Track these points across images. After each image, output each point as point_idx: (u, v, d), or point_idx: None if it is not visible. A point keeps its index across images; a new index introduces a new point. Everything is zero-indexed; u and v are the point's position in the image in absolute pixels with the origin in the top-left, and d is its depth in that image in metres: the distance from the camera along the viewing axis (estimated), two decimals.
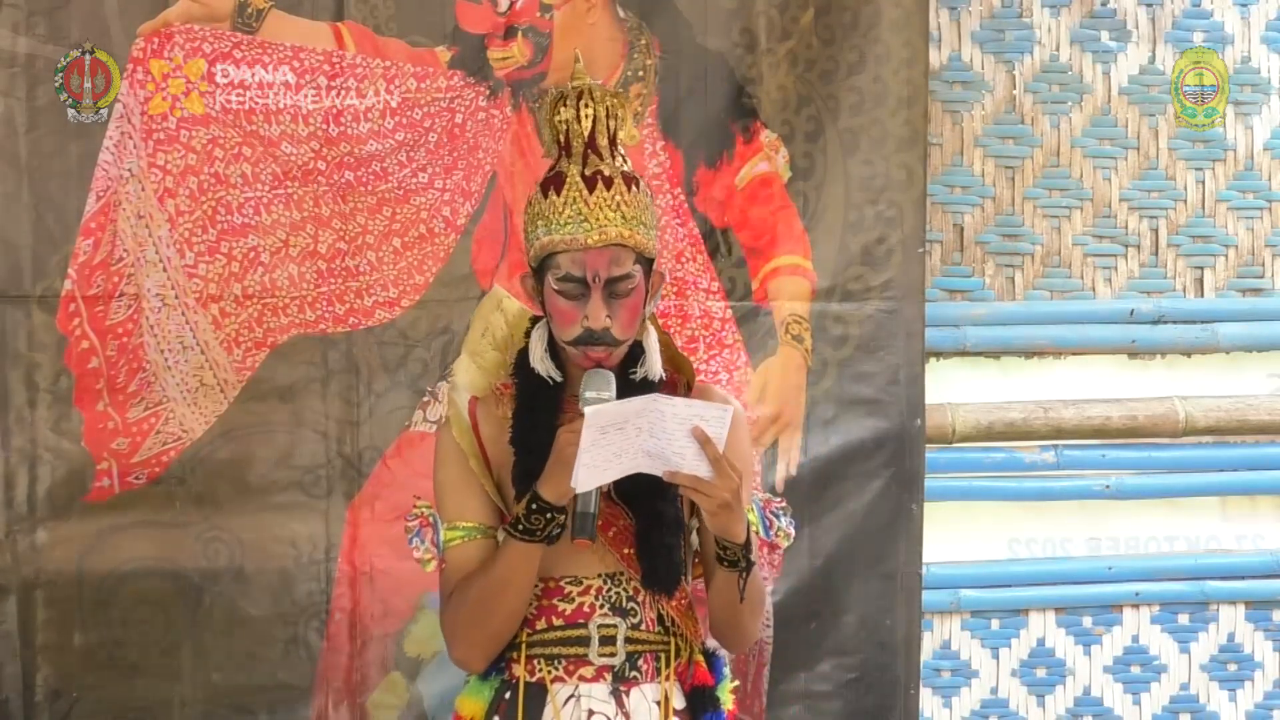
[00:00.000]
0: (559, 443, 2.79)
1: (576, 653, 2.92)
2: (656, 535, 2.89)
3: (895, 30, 4.39)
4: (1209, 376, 4.77)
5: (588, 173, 2.87)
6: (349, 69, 4.16)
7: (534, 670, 2.94)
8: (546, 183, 2.90)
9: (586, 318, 2.85)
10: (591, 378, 2.84)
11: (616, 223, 2.85)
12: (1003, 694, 4.73)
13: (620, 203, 2.86)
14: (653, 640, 2.95)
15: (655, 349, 2.95)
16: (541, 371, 2.93)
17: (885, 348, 4.43)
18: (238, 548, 4.16)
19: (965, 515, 4.66)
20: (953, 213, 4.67)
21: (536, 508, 2.80)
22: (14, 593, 4.08)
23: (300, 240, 4.16)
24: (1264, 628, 4.82)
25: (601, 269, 2.85)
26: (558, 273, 2.87)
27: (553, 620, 2.92)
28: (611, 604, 2.92)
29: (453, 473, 2.96)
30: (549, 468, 2.80)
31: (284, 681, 4.19)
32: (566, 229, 2.85)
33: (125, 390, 4.10)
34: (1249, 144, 4.79)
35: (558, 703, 2.91)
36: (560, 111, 2.89)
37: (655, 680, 2.94)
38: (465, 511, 2.95)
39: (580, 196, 2.86)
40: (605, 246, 2.85)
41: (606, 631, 2.92)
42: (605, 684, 2.92)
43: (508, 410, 2.96)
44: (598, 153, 2.88)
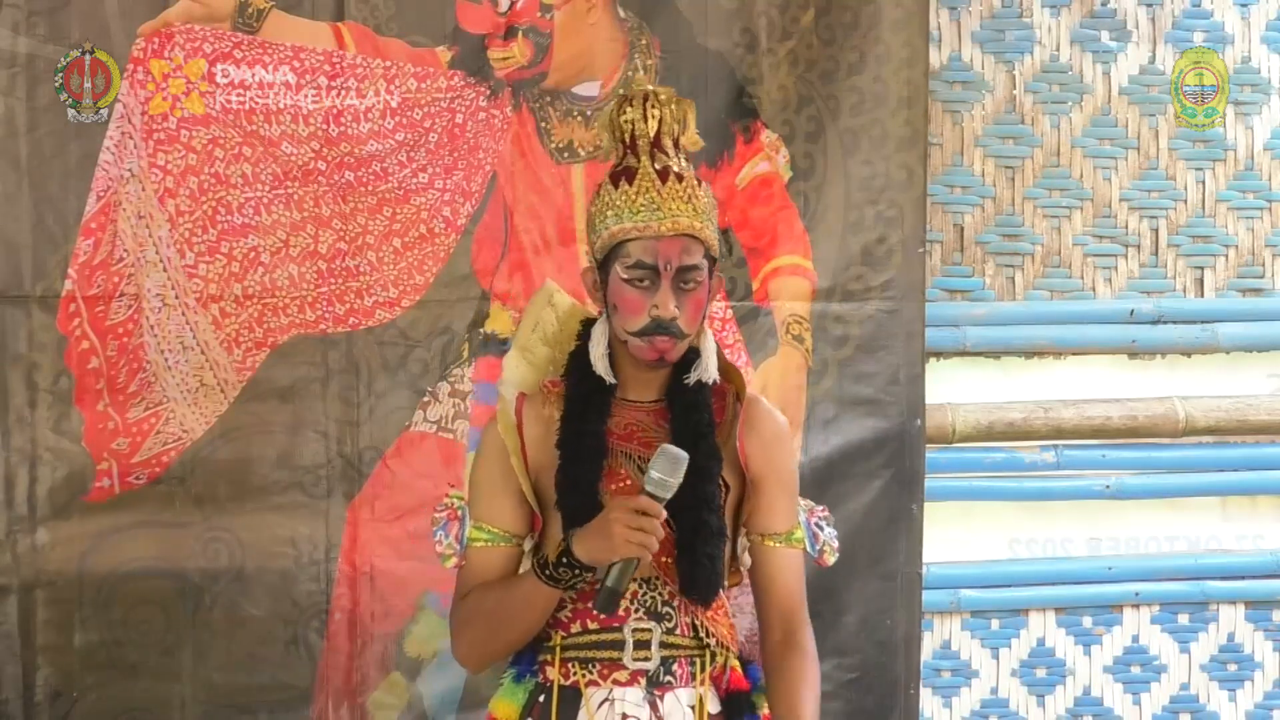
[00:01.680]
0: (608, 514, 2.77)
1: (611, 656, 2.91)
2: (700, 545, 2.87)
3: (895, 30, 4.40)
4: (1209, 376, 4.77)
5: (658, 166, 2.88)
6: (349, 69, 4.15)
7: (568, 673, 2.93)
8: (616, 175, 2.90)
9: (655, 306, 2.84)
10: (666, 460, 2.78)
11: (688, 214, 2.86)
12: (1003, 694, 4.73)
13: (692, 196, 2.87)
14: (688, 645, 2.94)
15: (712, 352, 2.94)
16: (600, 371, 2.92)
17: (885, 348, 4.43)
18: (238, 548, 4.16)
19: (965, 515, 4.66)
20: (953, 213, 4.67)
21: (567, 562, 2.80)
22: (14, 593, 4.08)
23: (300, 240, 4.16)
24: (1264, 628, 4.82)
25: (674, 257, 2.84)
26: (627, 261, 2.85)
27: (588, 624, 2.92)
28: (647, 608, 2.91)
29: (493, 472, 2.95)
30: (591, 530, 2.79)
31: (284, 681, 4.19)
32: (639, 216, 2.85)
33: (125, 390, 4.10)
34: (1249, 144, 4.79)
35: (591, 706, 2.90)
36: (626, 111, 2.90)
37: (690, 685, 2.94)
38: (496, 515, 2.94)
39: (653, 186, 2.86)
40: (677, 236, 2.85)
41: (641, 636, 2.91)
42: (640, 688, 2.91)
43: (553, 410, 2.94)
44: (663, 151, 2.89)
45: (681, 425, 2.89)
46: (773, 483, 2.97)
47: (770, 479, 2.97)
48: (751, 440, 2.96)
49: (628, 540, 2.74)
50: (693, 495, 2.85)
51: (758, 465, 2.96)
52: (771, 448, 2.98)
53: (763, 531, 2.98)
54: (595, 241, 2.92)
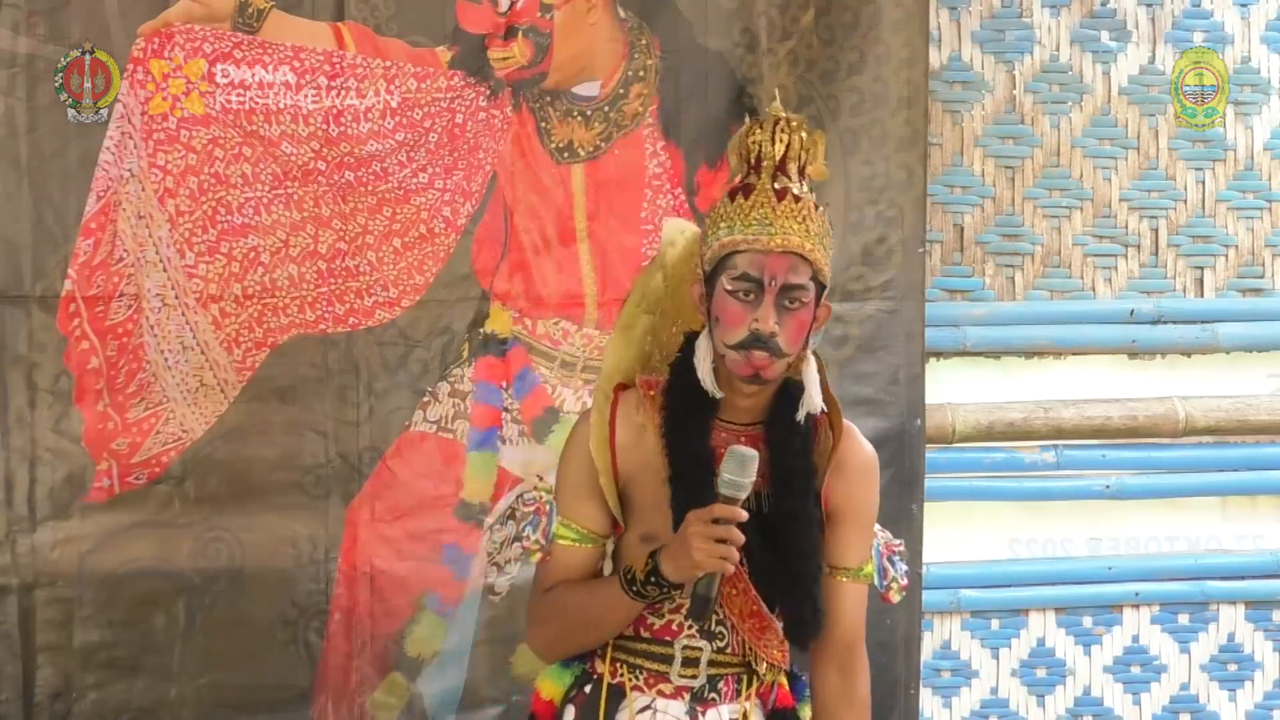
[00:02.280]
0: (687, 529, 2.77)
1: (659, 669, 2.94)
2: (813, 593, 2.89)
3: (895, 30, 4.39)
4: (1209, 376, 4.77)
5: (777, 186, 2.88)
6: (349, 69, 4.15)
7: (616, 672, 2.95)
8: (734, 191, 2.90)
9: (756, 320, 2.83)
10: (736, 459, 2.78)
11: (800, 234, 2.85)
12: (1003, 694, 4.73)
13: (806, 217, 2.87)
14: (735, 664, 2.96)
15: (816, 381, 2.93)
16: (708, 386, 2.90)
17: (885, 348, 4.43)
18: (238, 548, 4.16)
19: (965, 515, 4.66)
20: (953, 213, 4.67)
21: (655, 580, 2.81)
22: (14, 593, 4.08)
23: (300, 240, 4.16)
24: (1264, 628, 4.82)
25: (780, 273, 2.84)
26: (734, 272, 2.85)
27: (640, 631, 2.94)
28: (700, 627, 2.93)
29: (581, 473, 2.95)
30: (674, 547, 2.79)
31: (284, 681, 4.19)
32: (750, 230, 2.85)
33: (125, 390, 4.10)
34: (1249, 144, 4.80)
35: (633, 710, 2.93)
36: (755, 134, 2.91)
37: (734, 701, 2.95)
38: (582, 515, 2.94)
39: (768, 202, 2.86)
40: (786, 253, 2.84)
41: (690, 654, 2.93)
42: (683, 702, 2.93)
43: (647, 420, 2.93)
44: (786, 175, 2.89)
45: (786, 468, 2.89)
46: (851, 518, 2.99)
47: (849, 514, 2.98)
48: (837, 477, 2.96)
49: (709, 555, 2.75)
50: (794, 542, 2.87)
51: (838, 500, 2.97)
52: (854, 484, 2.99)
53: (834, 564, 2.98)
54: (705, 253, 2.91)
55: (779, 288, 2.84)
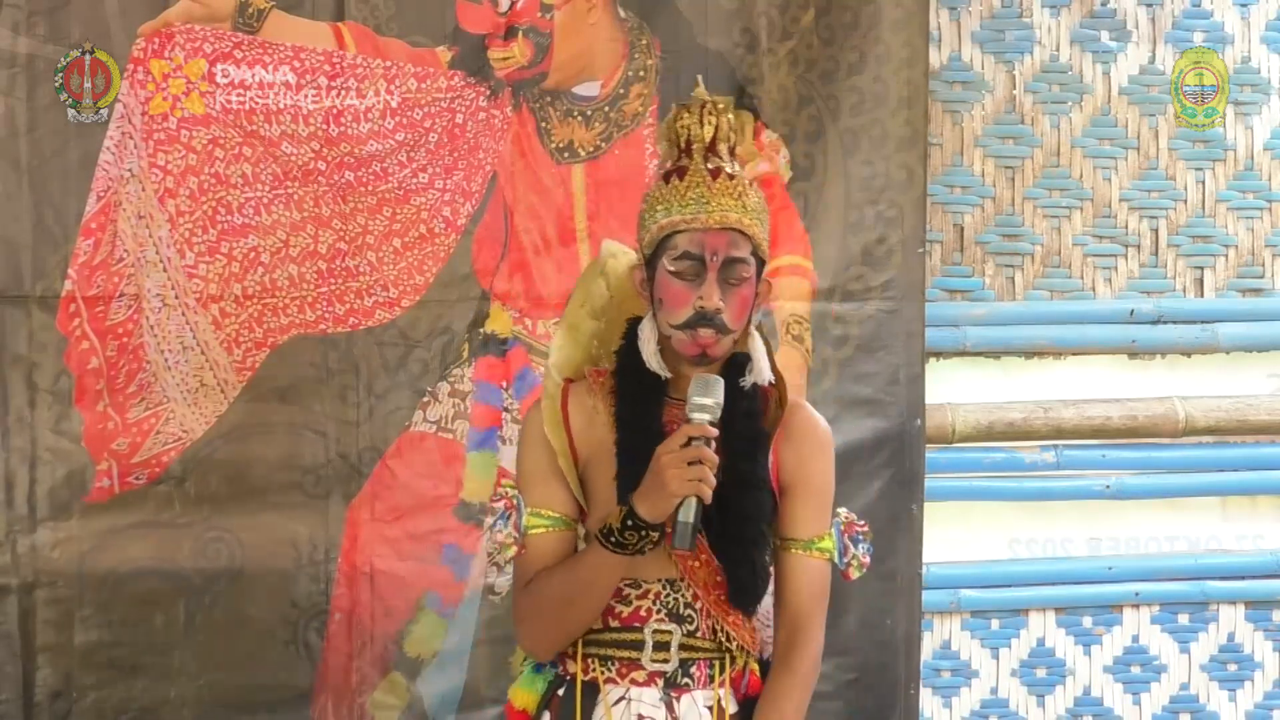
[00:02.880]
0: (658, 462, 2.78)
1: (630, 656, 2.93)
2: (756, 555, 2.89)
3: (895, 30, 4.40)
4: (1209, 376, 4.77)
5: (710, 166, 2.91)
6: (349, 69, 4.15)
7: (588, 669, 2.95)
8: (668, 173, 2.93)
9: (700, 298, 2.85)
10: (699, 383, 2.82)
11: (737, 209, 2.89)
12: (1003, 694, 4.73)
13: (742, 194, 2.90)
14: (707, 648, 2.95)
15: (763, 354, 2.95)
16: (654, 367, 2.92)
17: (885, 348, 4.43)
18: (238, 548, 4.16)
19: (965, 515, 4.66)
20: (953, 213, 4.67)
21: (632, 524, 2.80)
22: (14, 593, 4.08)
23: (300, 240, 4.16)
24: (1264, 628, 4.82)
25: (720, 249, 2.87)
26: (675, 252, 2.88)
27: (609, 621, 2.93)
28: (669, 610, 2.93)
29: (541, 460, 2.96)
30: (647, 485, 2.79)
31: (284, 681, 4.19)
32: (688, 209, 2.88)
33: (125, 391, 4.10)
34: (1249, 144, 4.79)
35: (608, 703, 2.92)
36: (683, 118, 2.93)
37: (708, 687, 2.95)
38: (551, 501, 2.95)
39: (704, 181, 2.89)
40: (724, 229, 2.87)
41: (661, 638, 2.93)
42: (656, 689, 2.93)
43: (598, 402, 2.96)
44: (718, 155, 2.92)
45: (735, 430, 2.88)
46: (802, 490, 2.98)
47: (800, 486, 2.98)
48: (788, 448, 2.97)
49: (682, 479, 2.75)
50: (745, 504, 2.87)
51: (789, 472, 2.97)
52: (806, 456, 2.99)
53: (786, 536, 2.98)
54: (644, 237, 2.94)
55: (720, 263, 2.87)
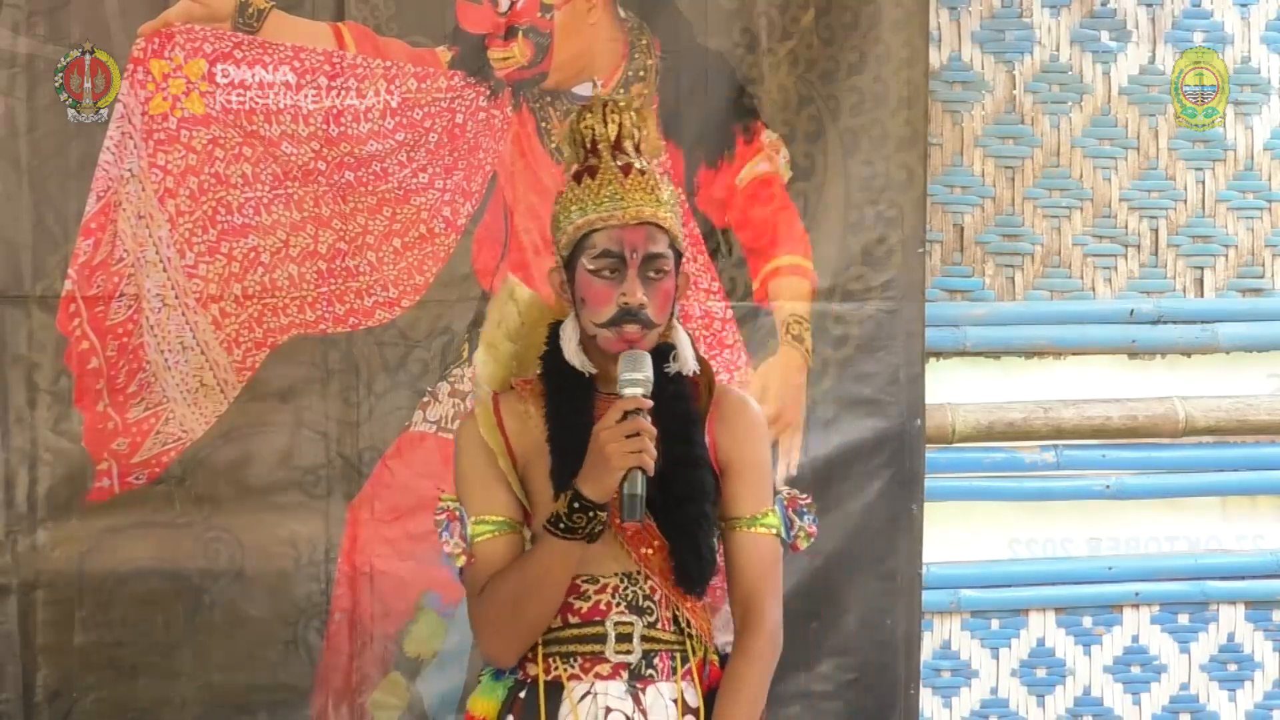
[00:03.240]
0: (598, 440, 2.79)
1: (593, 650, 2.93)
2: (700, 535, 2.90)
3: (895, 30, 4.40)
4: (1209, 376, 4.77)
5: (620, 163, 2.92)
6: (349, 69, 4.15)
7: (550, 668, 2.94)
8: (579, 173, 2.94)
9: (623, 295, 2.86)
10: (628, 359, 2.84)
11: (652, 204, 2.90)
12: (1003, 694, 4.73)
13: (655, 187, 2.92)
14: (668, 639, 2.95)
15: (687, 343, 2.97)
16: (577, 364, 2.94)
17: (885, 348, 4.43)
18: (238, 548, 4.16)
19: (965, 515, 4.66)
20: (953, 213, 4.67)
21: (579, 506, 2.80)
22: (14, 593, 4.08)
23: (300, 240, 4.16)
24: (1264, 628, 4.82)
25: (639, 245, 2.88)
26: (594, 251, 2.89)
27: (569, 618, 2.93)
28: (628, 602, 2.93)
29: (479, 466, 2.96)
30: (589, 466, 2.80)
31: (284, 681, 4.19)
32: (604, 207, 2.89)
33: (125, 390, 4.10)
34: (1249, 144, 4.79)
35: (574, 699, 2.92)
36: (586, 118, 2.95)
37: (671, 679, 2.95)
38: (493, 506, 2.95)
39: (616, 179, 2.91)
40: (641, 224, 2.89)
41: (623, 629, 2.92)
42: (622, 681, 2.92)
43: (530, 406, 2.97)
44: (624, 152, 2.94)
45: (667, 416, 2.89)
46: (741, 469, 2.99)
47: (738, 466, 2.99)
48: (722, 430, 2.98)
49: (624, 453, 2.76)
50: (685, 485, 2.88)
51: (726, 453, 2.98)
52: (740, 436, 3.00)
53: (729, 516, 2.99)
54: (560, 239, 2.95)
55: (641, 259, 2.88)
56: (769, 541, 3.00)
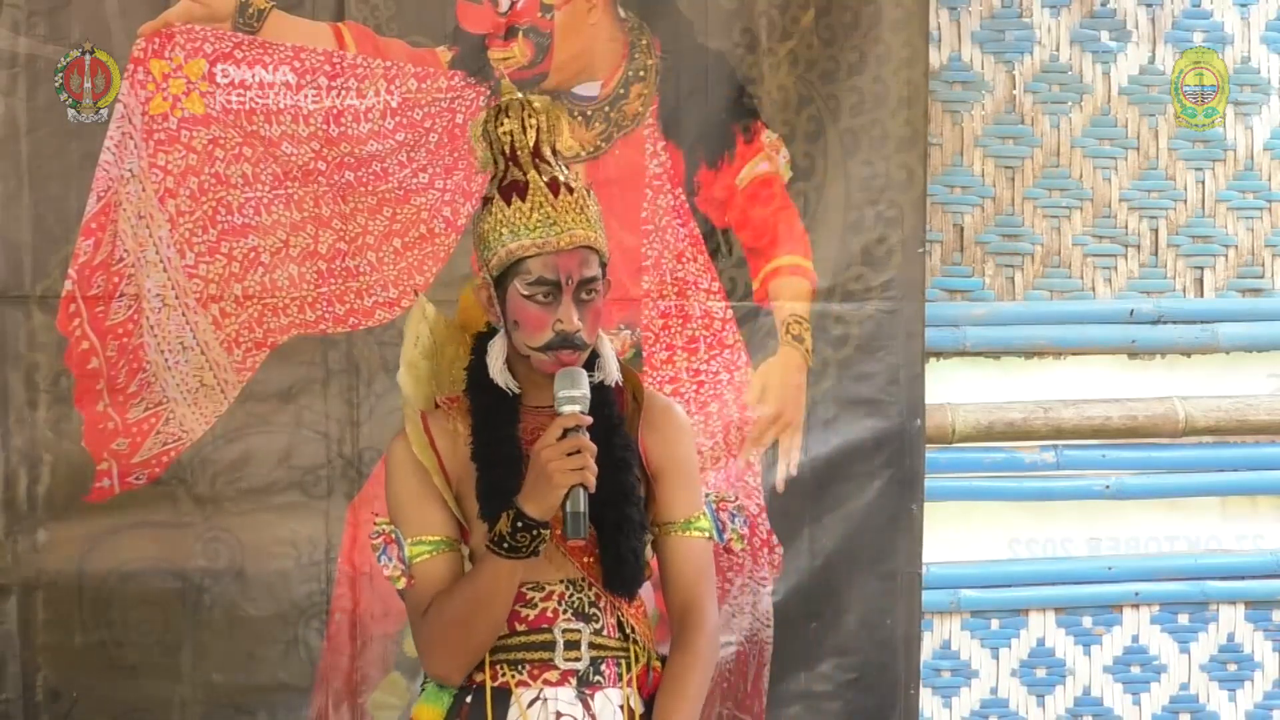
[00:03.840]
0: (539, 459, 2.78)
1: (541, 657, 2.92)
2: (623, 539, 2.90)
3: (895, 30, 4.40)
4: (1209, 376, 4.77)
5: (546, 179, 2.89)
6: (350, 69, 4.16)
7: (497, 675, 2.93)
8: (506, 190, 2.90)
9: (560, 321, 2.85)
10: (564, 377, 2.84)
11: (584, 225, 2.88)
12: (1003, 694, 4.73)
13: (583, 207, 2.89)
14: (614, 646, 2.96)
15: (611, 353, 2.97)
16: (501, 383, 2.93)
17: (885, 348, 4.43)
18: (238, 548, 4.16)
19: (965, 515, 4.66)
20: (953, 213, 4.67)
21: (523, 525, 2.79)
22: (14, 593, 4.08)
23: (300, 240, 4.16)
24: (1264, 628, 4.82)
25: (574, 271, 2.86)
26: (528, 278, 2.87)
27: (516, 626, 2.92)
28: (574, 609, 2.93)
29: (413, 486, 2.95)
30: (530, 485, 2.80)
31: (284, 681, 4.19)
32: (536, 233, 2.87)
33: (125, 391, 4.10)
34: (1249, 144, 4.79)
35: (522, 704, 2.91)
36: (504, 123, 2.91)
37: (618, 685, 2.95)
38: (429, 525, 2.94)
39: (547, 201, 2.88)
40: (575, 249, 2.87)
41: (571, 636, 2.92)
42: (571, 688, 2.92)
43: (458, 424, 2.96)
44: (545, 161, 2.91)
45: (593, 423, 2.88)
46: (671, 473, 3.00)
47: (669, 470, 2.99)
48: (650, 435, 2.99)
49: (565, 470, 2.76)
50: (611, 489, 2.87)
51: (656, 458, 2.99)
52: (669, 440, 3.00)
53: (662, 521, 2.99)
54: (490, 259, 2.91)
55: (575, 284, 2.87)
56: (703, 544, 3.01)
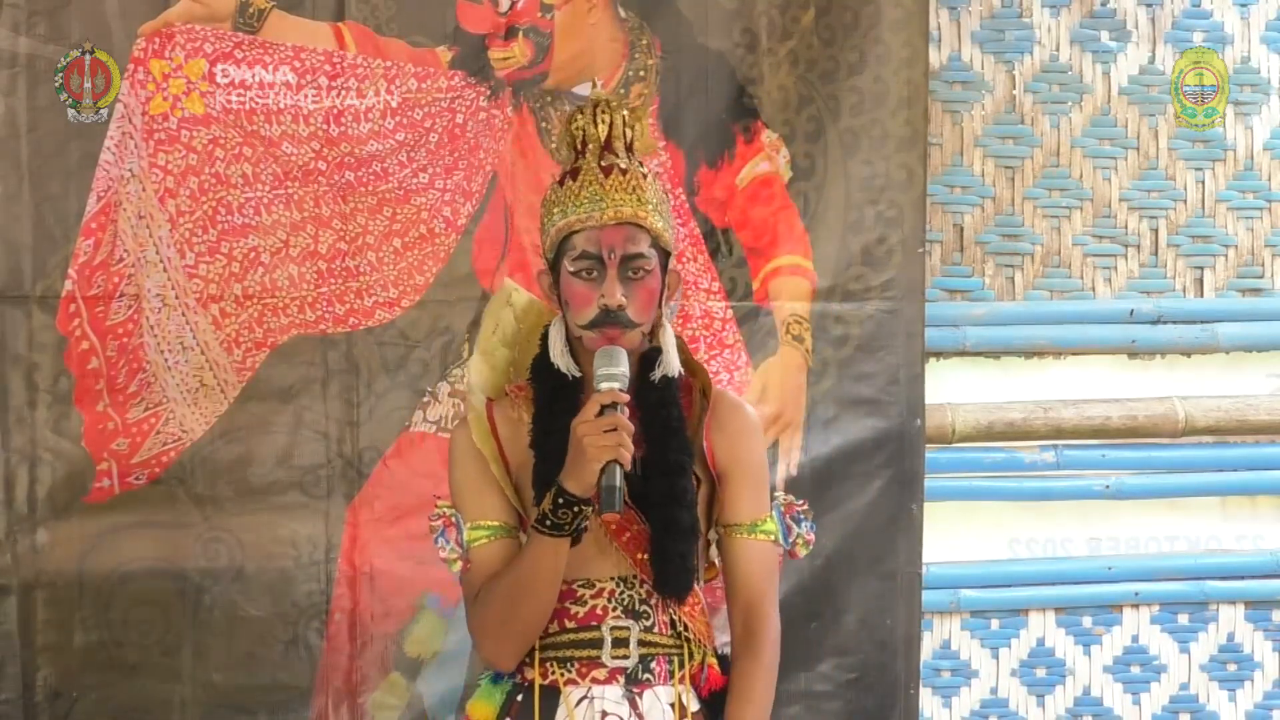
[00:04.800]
0: (575, 434, 2.79)
1: (589, 655, 2.93)
2: (670, 541, 2.89)
3: (895, 30, 4.40)
4: (1209, 376, 4.77)
5: (604, 164, 2.91)
6: (350, 69, 4.15)
7: (547, 673, 2.94)
8: (563, 176, 2.94)
9: (603, 296, 2.86)
10: (603, 355, 2.84)
11: (632, 203, 2.89)
12: (1002, 694, 4.73)
13: (636, 187, 2.90)
14: (665, 643, 2.95)
15: (673, 346, 2.96)
16: (562, 367, 2.93)
17: (885, 348, 4.43)
18: (238, 548, 4.16)
19: (965, 515, 4.66)
20: (953, 213, 4.67)
21: (563, 501, 2.79)
22: (14, 593, 4.08)
23: (300, 240, 4.16)
24: (1264, 628, 4.82)
25: (617, 245, 2.87)
26: (574, 253, 2.88)
27: (565, 623, 2.93)
28: (624, 607, 2.93)
29: (472, 472, 2.96)
30: (570, 460, 2.80)
31: (284, 681, 4.19)
32: (582, 209, 2.89)
33: (125, 391, 4.10)
34: (1249, 144, 4.80)
35: (570, 703, 2.92)
36: (577, 119, 2.95)
37: (668, 683, 2.95)
38: (488, 511, 2.95)
39: (596, 180, 2.90)
40: (620, 224, 2.88)
41: (619, 634, 2.92)
42: (618, 686, 2.92)
43: (523, 413, 2.96)
44: (613, 153, 2.93)
45: (651, 421, 2.90)
46: (738, 475, 2.99)
47: (735, 471, 2.98)
48: (718, 435, 2.98)
49: (601, 446, 2.76)
50: (665, 491, 2.88)
51: (723, 458, 2.97)
52: (737, 441, 2.99)
53: (728, 522, 2.98)
54: (545, 242, 2.95)
55: (619, 259, 2.87)
56: (768, 547, 3.00)
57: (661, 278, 2.93)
